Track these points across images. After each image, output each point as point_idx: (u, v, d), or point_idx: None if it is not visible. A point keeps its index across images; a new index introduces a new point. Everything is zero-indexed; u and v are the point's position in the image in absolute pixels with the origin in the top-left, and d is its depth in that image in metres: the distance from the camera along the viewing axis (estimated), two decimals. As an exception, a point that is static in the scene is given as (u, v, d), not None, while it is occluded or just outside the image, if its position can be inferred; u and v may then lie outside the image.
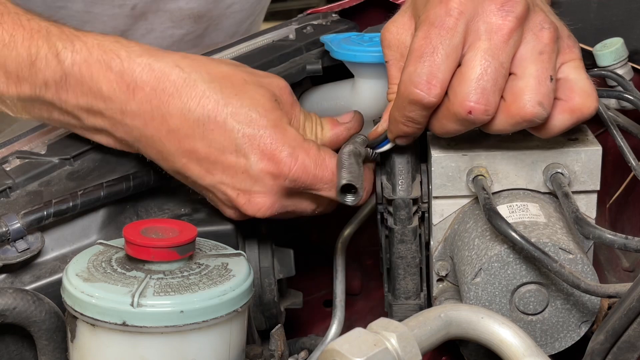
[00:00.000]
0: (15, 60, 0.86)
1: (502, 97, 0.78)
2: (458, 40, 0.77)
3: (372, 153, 0.88)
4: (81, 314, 0.76)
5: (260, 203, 0.85)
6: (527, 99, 0.77)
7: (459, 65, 0.78)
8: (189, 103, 0.84)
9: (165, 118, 0.84)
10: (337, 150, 0.89)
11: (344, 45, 1.01)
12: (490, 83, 0.76)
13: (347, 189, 0.83)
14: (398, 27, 0.85)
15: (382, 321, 0.71)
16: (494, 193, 0.84)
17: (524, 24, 0.78)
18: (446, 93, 0.78)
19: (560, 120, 0.79)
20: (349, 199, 0.83)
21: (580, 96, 0.78)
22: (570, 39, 0.81)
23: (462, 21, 0.77)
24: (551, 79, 0.77)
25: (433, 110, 0.79)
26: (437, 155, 0.84)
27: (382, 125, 0.86)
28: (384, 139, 0.86)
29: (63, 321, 0.80)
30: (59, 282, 0.81)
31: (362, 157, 0.86)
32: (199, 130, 0.84)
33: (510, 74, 0.78)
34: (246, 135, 0.84)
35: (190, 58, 0.87)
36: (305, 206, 0.89)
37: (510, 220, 0.78)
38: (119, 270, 0.79)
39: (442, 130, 0.81)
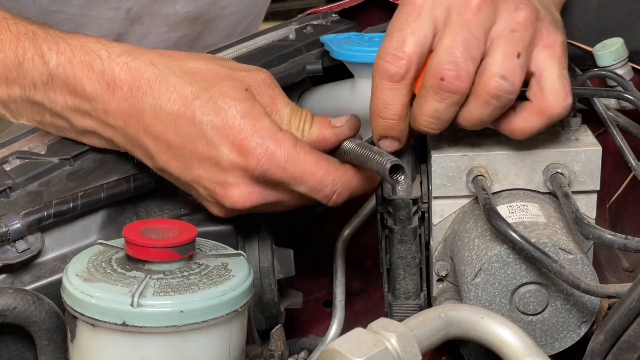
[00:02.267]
0: (4, 62, 0.88)
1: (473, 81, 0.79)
2: (427, 17, 0.79)
3: None
4: (81, 314, 0.76)
5: (236, 195, 0.84)
6: (490, 73, 0.78)
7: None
8: (160, 99, 0.85)
9: (141, 116, 0.85)
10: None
11: (344, 45, 1.01)
12: (459, 50, 0.77)
13: (393, 170, 0.80)
14: None
15: (382, 321, 0.71)
16: (493, 193, 0.84)
17: (497, 3, 0.78)
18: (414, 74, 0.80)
19: (531, 122, 0.80)
20: (400, 178, 0.81)
21: (548, 97, 0.79)
22: (552, 24, 0.81)
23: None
24: (519, 56, 0.78)
25: (404, 89, 0.80)
26: (437, 156, 0.84)
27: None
28: None
29: (63, 321, 0.80)
30: (59, 282, 0.81)
31: None
32: (171, 125, 0.84)
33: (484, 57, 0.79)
34: (215, 127, 0.83)
35: (166, 55, 0.88)
36: (287, 198, 0.87)
37: (510, 221, 0.78)
38: (119, 270, 0.79)
39: (422, 114, 0.80)
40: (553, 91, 0.79)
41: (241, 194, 0.84)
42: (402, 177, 0.81)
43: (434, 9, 0.79)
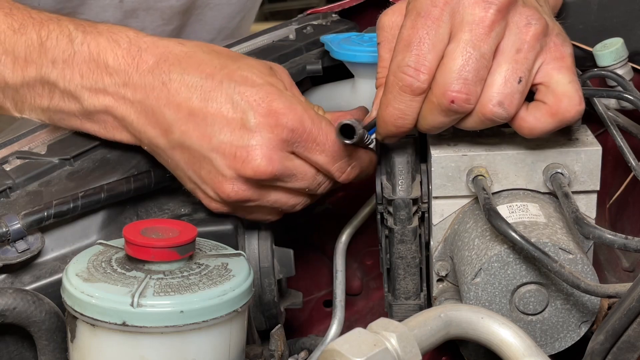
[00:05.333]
0: (25, 44, 0.90)
1: None
2: (444, 31, 0.79)
3: (367, 138, 0.88)
4: (81, 314, 0.76)
5: (258, 158, 0.85)
6: (488, 98, 0.78)
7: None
8: (188, 69, 0.87)
9: (166, 84, 0.87)
10: None
11: (344, 45, 1.01)
12: (471, 74, 0.78)
13: (346, 132, 0.83)
14: (394, 11, 0.86)
15: (382, 321, 0.71)
16: (493, 193, 0.84)
17: (508, 16, 0.78)
18: (430, 87, 0.80)
19: (542, 123, 0.80)
20: (347, 141, 0.83)
21: (561, 100, 0.79)
22: (559, 37, 0.81)
23: (446, 11, 0.79)
24: (520, 80, 0.78)
25: (421, 101, 0.80)
26: (437, 155, 0.84)
27: (373, 114, 0.87)
28: (372, 126, 0.86)
29: (63, 321, 0.80)
30: (59, 282, 0.81)
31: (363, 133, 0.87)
32: (197, 92, 0.86)
33: None
34: (242, 93, 0.85)
35: (193, 40, 0.93)
36: (304, 171, 0.88)
37: (510, 221, 0.78)
38: (119, 270, 0.79)
39: (427, 124, 0.81)
40: (567, 95, 0.79)
41: (263, 157, 0.85)
42: (349, 141, 0.82)
43: (450, 21, 0.79)
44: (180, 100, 0.86)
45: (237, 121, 0.85)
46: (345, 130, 0.83)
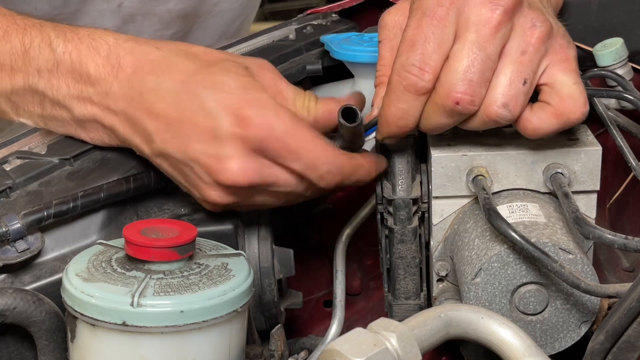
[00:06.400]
0: (9, 51, 0.90)
1: None
2: (449, 31, 0.78)
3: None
4: (81, 314, 0.76)
5: (233, 168, 0.84)
6: (493, 99, 0.78)
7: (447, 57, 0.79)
8: (162, 77, 0.86)
9: (143, 95, 0.86)
10: (329, 130, 0.88)
11: (344, 45, 1.01)
12: (477, 75, 0.77)
13: (348, 115, 0.83)
14: (397, 10, 0.86)
15: (382, 321, 0.71)
16: (493, 193, 0.84)
17: (514, 18, 0.78)
18: (434, 88, 0.79)
19: (547, 123, 0.79)
20: (348, 124, 0.83)
21: (566, 101, 0.79)
22: (564, 38, 0.81)
23: (452, 11, 0.78)
24: (524, 82, 0.78)
25: (424, 101, 0.80)
26: (437, 155, 0.84)
27: (374, 112, 0.87)
28: (372, 125, 0.86)
29: (63, 321, 0.80)
30: (59, 282, 0.81)
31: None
32: (173, 101, 0.85)
33: None
34: (215, 99, 0.84)
35: (171, 42, 0.91)
36: (283, 178, 0.86)
37: (510, 221, 0.78)
38: (119, 270, 0.79)
39: (429, 124, 0.81)
40: (572, 96, 0.79)
41: (238, 168, 0.84)
42: (355, 123, 0.83)
43: (455, 21, 0.78)
44: (158, 110, 0.85)
45: (210, 130, 0.84)
46: (347, 114, 0.82)
